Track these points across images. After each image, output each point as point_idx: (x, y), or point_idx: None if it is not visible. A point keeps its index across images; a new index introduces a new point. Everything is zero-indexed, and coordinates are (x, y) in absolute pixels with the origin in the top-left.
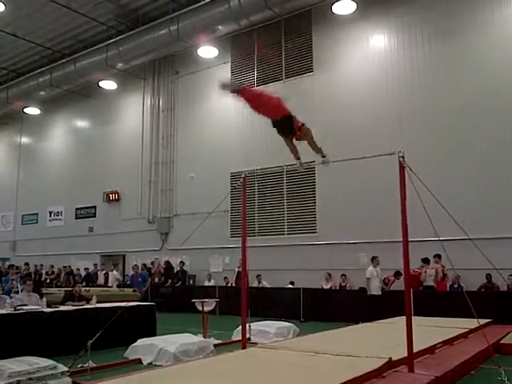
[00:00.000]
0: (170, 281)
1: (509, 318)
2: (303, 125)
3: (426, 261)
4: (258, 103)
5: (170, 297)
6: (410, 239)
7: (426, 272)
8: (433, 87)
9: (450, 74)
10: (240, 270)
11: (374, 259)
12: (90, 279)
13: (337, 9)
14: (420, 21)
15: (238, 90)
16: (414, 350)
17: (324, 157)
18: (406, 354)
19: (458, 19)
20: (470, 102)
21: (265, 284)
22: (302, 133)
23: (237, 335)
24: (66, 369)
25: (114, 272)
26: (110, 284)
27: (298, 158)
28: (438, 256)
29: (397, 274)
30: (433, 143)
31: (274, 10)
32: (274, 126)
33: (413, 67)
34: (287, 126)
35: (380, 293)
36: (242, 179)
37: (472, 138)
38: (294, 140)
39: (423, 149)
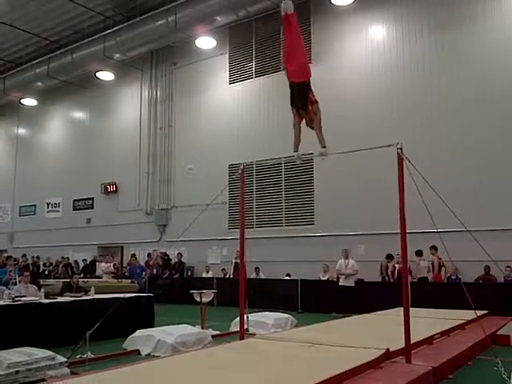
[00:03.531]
0: (167, 272)
1: (505, 309)
2: (317, 102)
3: (419, 253)
4: (298, 47)
5: (168, 288)
6: (408, 231)
7: (419, 265)
8: (432, 78)
9: (450, 65)
10: (238, 261)
11: (342, 252)
12: (88, 270)
13: None
14: (419, 11)
15: (289, 13)
16: (412, 341)
17: (324, 147)
18: (403, 345)
19: (458, 9)
20: (470, 94)
21: (261, 275)
22: (314, 109)
23: (235, 326)
24: (64, 360)
25: (102, 264)
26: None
27: (297, 150)
28: (433, 248)
29: (388, 257)
30: (432, 135)
31: (273, 0)
32: (291, 87)
33: (412, 58)
34: (302, 96)
35: (353, 284)
36: (240, 171)
37: (471, 130)
38: (302, 121)
39: (422, 141)
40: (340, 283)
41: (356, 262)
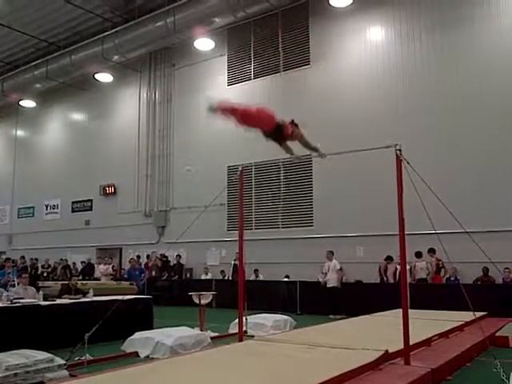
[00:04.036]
0: (166, 274)
1: (504, 310)
2: (293, 131)
3: (418, 255)
4: (244, 119)
5: (167, 290)
6: (406, 232)
7: (414, 266)
8: (431, 80)
9: (449, 67)
10: (236, 263)
11: (327, 253)
12: (87, 272)
13: (334, 1)
14: (417, 13)
15: (216, 108)
16: (410, 343)
17: (317, 151)
18: (402, 347)
19: (456, 11)
20: (469, 95)
21: (260, 277)
22: (294, 137)
23: (233, 328)
24: (63, 362)
25: (101, 266)
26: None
27: (292, 154)
28: (432, 250)
29: (388, 259)
30: (430, 137)
31: (271, 1)
32: (265, 136)
33: (410, 60)
34: (278, 135)
35: (339, 285)
36: (238, 172)
37: (470, 132)
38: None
39: (421, 142)
40: (335, 285)
41: (338, 263)
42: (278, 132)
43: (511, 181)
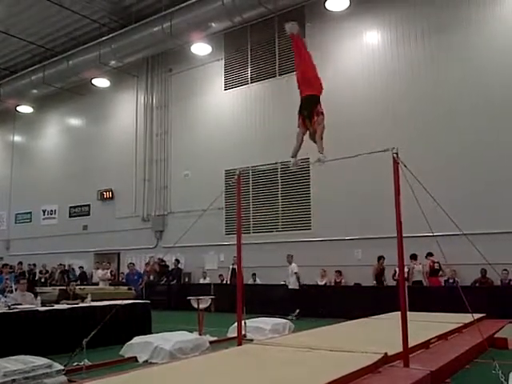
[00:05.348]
0: (164, 279)
1: (503, 312)
2: (323, 114)
3: (413, 257)
4: (304, 62)
5: (165, 295)
6: (404, 235)
7: (413, 269)
8: (427, 82)
9: (445, 69)
10: (234, 267)
11: (287, 257)
12: (85, 278)
13: (330, 5)
14: (413, 16)
15: (294, 33)
16: (409, 345)
17: (321, 153)
18: (401, 349)
19: (452, 14)
20: (465, 97)
21: (258, 281)
22: (318, 120)
23: (232, 332)
24: (61, 367)
25: (99, 271)
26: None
27: (294, 156)
28: (429, 254)
29: (380, 259)
30: (428, 139)
31: (267, 6)
32: (304, 99)
33: (407, 63)
34: (310, 106)
35: (297, 287)
36: (236, 176)
37: (467, 136)
38: (306, 133)
39: (418, 145)
40: (294, 287)
41: (297, 266)
42: (313, 103)
43: (508, 182)
